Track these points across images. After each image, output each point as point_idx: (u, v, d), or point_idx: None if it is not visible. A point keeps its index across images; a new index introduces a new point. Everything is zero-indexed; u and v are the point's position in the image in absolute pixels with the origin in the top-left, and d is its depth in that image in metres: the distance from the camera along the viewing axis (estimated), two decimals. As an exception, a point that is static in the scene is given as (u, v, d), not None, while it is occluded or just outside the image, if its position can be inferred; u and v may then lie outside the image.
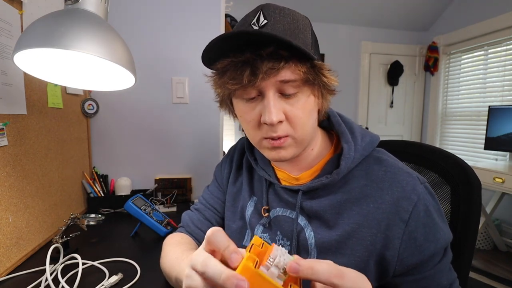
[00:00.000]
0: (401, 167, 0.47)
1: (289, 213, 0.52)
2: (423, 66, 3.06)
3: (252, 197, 0.59)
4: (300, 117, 0.45)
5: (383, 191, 0.45)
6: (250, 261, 0.27)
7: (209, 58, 0.45)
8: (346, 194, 0.47)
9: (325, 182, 0.47)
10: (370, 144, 0.50)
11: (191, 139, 1.30)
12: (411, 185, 0.44)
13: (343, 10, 2.72)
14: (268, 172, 0.55)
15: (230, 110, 0.53)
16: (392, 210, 0.43)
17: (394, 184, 0.44)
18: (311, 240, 0.48)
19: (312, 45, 0.45)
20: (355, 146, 0.48)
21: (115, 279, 0.65)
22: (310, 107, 0.46)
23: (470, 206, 0.53)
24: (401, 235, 0.42)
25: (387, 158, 0.48)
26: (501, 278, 1.92)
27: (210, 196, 0.68)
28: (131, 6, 1.19)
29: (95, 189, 1.14)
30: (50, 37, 0.46)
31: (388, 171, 0.46)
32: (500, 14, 2.33)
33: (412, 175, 0.45)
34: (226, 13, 1.44)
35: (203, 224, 0.65)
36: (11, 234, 0.69)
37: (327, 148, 0.53)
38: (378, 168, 0.47)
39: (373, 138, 0.51)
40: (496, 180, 1.86)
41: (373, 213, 0.44)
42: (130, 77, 0.61)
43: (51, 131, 0.89)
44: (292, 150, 0.47)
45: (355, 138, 0.49)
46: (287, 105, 0.44)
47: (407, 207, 0.43)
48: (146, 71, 1.22)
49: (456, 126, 2.79)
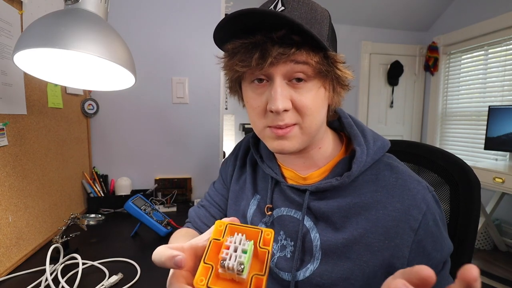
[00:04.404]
0: (411, 175, 0.46)
1: (294, 213, 0.51)
2: (423, 66, 3.06)
3: (255, 195, 0.58)
4: (309, 107, 0.42)
5: (393, 198, 0.44)
6: (202, 276, 0.26)
7: (220, 38, 0.43)
8: (355, 198, 0.46)
9: (335, 184, 0.46)
10: (381, 148, 0.49)
11: (191, 139, 1.30)
12: (421, 194, 0.43)
13: (343, 10, 2.72)
14: (274, 169, 0.54)
15: (239, 96, 0.52)
16: (402, 218, 0.43)
17: (405, 192, 0.44)
18: (317, 242, 0.47)
19: (328, 37, 0.43)
20: (367, 149, 0.47)
21: (115, 279, 0.65)
22: (320, 100, 0.44)
23: (470, 206, 0.53)
24: (410, 244, 0.42)
25: (398, 165, 0.47)
26: (501, 278, 1.92)
27: (215, 193, 0.68)
28: (131, 6, 1.19)
29: (95, 189, 1.14)
30: (50, 37, 0.46)
31: (400, 178, 0.45)
32: (500, 14, 2.33)
33: (421, 183, 0.45)
34: (226, 13, 1.45)
35: (209, 220, 0.65)
36: (11, 234, 0.69)
37: (336, 149, 0.52)
38: (389, 174, 0.46)
39: (384, 142, 0.50)
40: (496, 180, 1.86)
41: (382, 219, 0.44)
42: (130, 77, 0.61)
43: (51, 131, 0.89)
44: (297, 141, 0.44)
45: (367, 142, 0.48)
46: (296, 93, 0.42)
47: (417, 216, 0.42)
48: (146, 71, 1.22)
49: (456, 126, 2.79)
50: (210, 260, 0.27)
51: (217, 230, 0.29)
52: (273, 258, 0.52)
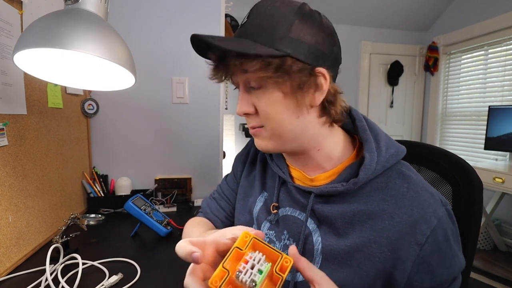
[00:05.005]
0: (424, 186, 0.44)
1: (298, 214, 0.51)
2: (423, 66, 3.06)
3: (262, 192, 0.58)
4: (267, 112, 0.45)
5: (401, 209, 0.42)
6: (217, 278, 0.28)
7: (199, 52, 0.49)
8: (361, 205, 0.44)
9: (340, 189, 0.45)
10: (394, 156, 0.47)
11: (191, 139, 1.30)
12: (433, 207, 0.41)
13: (343, 10, 2.72)
14: (282, 169, 0.54)
15: None
16: (409, 231, 0.41)
17: (415, 204, 0.42)
18: (318, 245, 0.47)
19: (283, 39, 0.42)
20: (378, 157, 0.45)
21: (115, 279, 0.65)
22: (277, 104, 0.44)
23: (472, 207, 0.53)
24: (414, 258, 0.40)
25: (410, 174, 0.45)
26: (501, 278, 1.92)
27: (226, 186, 0.69)
28: (131, 6, 1.19)
29: (95, 189, 1.14)
30: (50, 37, 0.45)
31: (411, 189, 0.43)
32: (500, 14, 2.33)
33: (435, 196, 0.43)
34: (226, 13, 1.45)
35: (219, 213, 0.67)
36: (11, 234, 0.69)
37: (347, 153, 0.50)
38: (400, 183, 0.44)
39: (398, 150, 0.48)
40: (496, 180, 1.86)
41: (387, 230, 0.42)
42: (130, 77, 0.61)
43: (51, 131, 0.89)
44: (268, 142, 0.48)
45: (379, 148, 0.46)
46: (256, 99, 0.46)
47: (425, 230, 0.40)
48: (146, 71, 1.22)
49: (456, 126, 2.79)
50: (229, 266, 0.29)
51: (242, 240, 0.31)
52: None
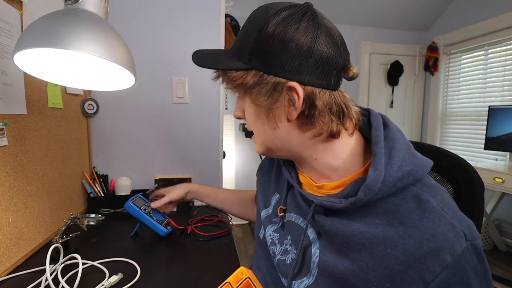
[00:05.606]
0: (444, 216, 0.36)
1: (301, 222, 0.50)
2: (423, 66, 3.06)
3: (275, 194, 0.59)
4: (247, 120, 0.48)
5: (409, 240, 0.36)
6: None
7: None
8: (363, 227, 0.39)
9: (338, 206, 0.41)
10: (410, 175, 0.39)
11: (191, 139, 1.30)
12: (450, 243, 0.35)
13: (343, 10, 2.72)
14: (291, 173, 0.53)
15: None
16: (414, 265, 0.35)
17: (427, 236, 0.35)
18: (315, 258, 0.44)
19: (252, 52, 0.42)
20: (384, 176, 0.38)
21: (115, 279, 0.65)
22: (252, 114, 0.47)
23: (473, 207, 0.52)
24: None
25: (429, 200, 0.38)
26: (501, 278, 1.92)
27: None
28: (131, 6, 1.19)
29: (95, 189, 1.14)
30: (50, 37, 0.45)
31: (425, 218, 0.36)
32: (500, 14, 2.33)
33: (456, 228, 0.36)
34: (226, 13, 1.45)
35: None
36: (11, 234, 0.69)
37: (359, 164, 0.45)
38: (413, 208, 0.38)
39: (418, 167, 0.40)
40: (496, 180, 1.86)
41: (388, 260, 0.37)
42: (130, 77, 0.61)
43: (51, 131, 0.89)
44: (260, 148, 0.50)
45: (390, 165, 0.39)
46: (242, 105, 0.49)
47: (434, 268, 0.34)
48: (146, 71, 1.22)
49: (456, 126, 2.79)
50: None
51: (237, 276, 0.32)
52: (275, 259, 0.52)
